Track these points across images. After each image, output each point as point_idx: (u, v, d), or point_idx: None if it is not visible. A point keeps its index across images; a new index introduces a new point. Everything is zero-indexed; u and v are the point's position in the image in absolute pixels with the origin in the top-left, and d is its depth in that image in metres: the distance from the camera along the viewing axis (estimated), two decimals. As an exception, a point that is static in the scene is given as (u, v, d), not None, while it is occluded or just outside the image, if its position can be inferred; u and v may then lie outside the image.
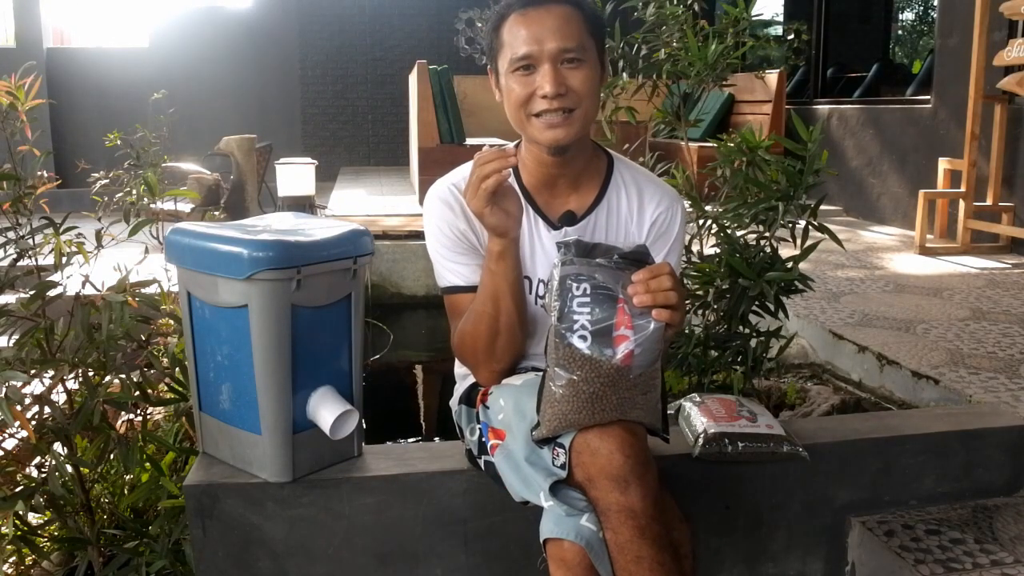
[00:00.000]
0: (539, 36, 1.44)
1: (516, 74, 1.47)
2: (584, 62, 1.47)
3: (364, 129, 10.05)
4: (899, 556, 1.75)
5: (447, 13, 9.85)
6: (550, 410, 1.33)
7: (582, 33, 1.47)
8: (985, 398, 2.30)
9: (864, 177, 5.95)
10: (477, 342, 1.53)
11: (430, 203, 1.60)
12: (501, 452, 1.49)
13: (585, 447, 1.31)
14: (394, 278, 5.08)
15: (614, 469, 1.29)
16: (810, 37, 6.69)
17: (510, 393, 1.51)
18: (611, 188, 1.61)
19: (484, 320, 1.50)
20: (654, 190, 1.63)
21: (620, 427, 1.32)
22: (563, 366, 1.30)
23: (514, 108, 1.49)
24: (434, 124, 6.42)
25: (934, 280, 3.92)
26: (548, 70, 1.44)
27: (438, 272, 1.61)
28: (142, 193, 4.33)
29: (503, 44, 1.49)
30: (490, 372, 1.57)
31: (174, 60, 9.21)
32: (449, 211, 1.57)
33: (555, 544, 1.32)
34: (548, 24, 1.44)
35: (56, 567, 1.91)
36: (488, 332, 1.51)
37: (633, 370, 1.29)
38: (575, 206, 1.60)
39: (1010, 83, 4.21)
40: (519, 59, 1.45)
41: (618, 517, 1.28)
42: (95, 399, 1.72)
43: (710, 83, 2.35)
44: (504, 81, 1.50)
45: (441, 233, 1.57)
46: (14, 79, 1.96)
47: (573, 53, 1.45)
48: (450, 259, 1.58)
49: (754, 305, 2.07)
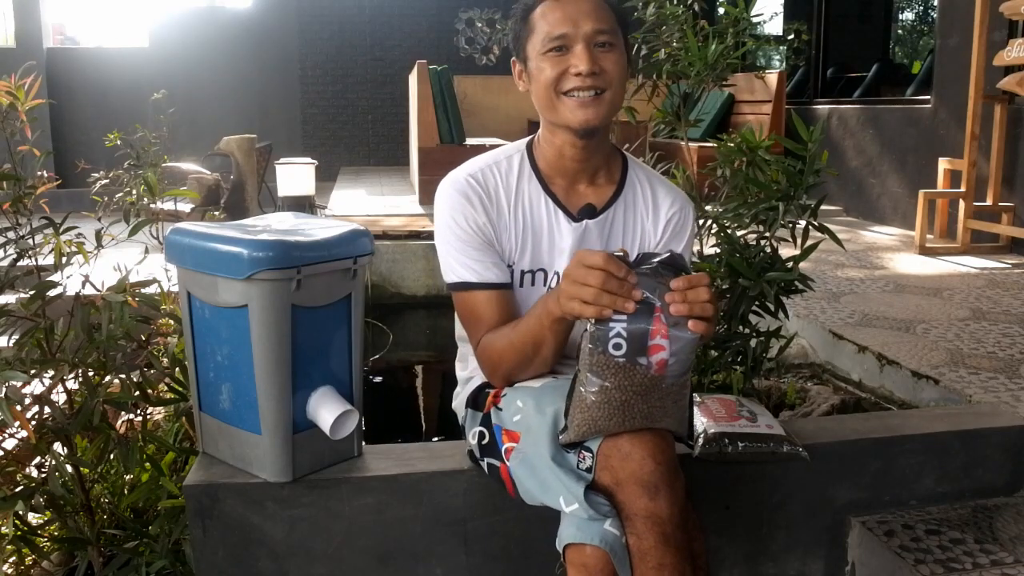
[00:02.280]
0: (574, 17, 1.46)
1: (549, 55, 1.48)
2: (616, 47, 1.49)
3: (364, 129, 10.05)
4: (899, 556, 1.75)
5: (447, 13, 9.85)
6: (580, 415, 1.31)
7: (613, 20, 1.50)
8: (985, 398, 2.30)
9: (864, 177, 5.95)
10: (505, 365, 1.51)
11: (445, 193, 1.56)
12: (516, 456, 1.46)
13: (615, 451, 1.30)
14: (394, 278, 5.07)
15: (645, 475, 1.27)
16: (810, 37, 6.69)
17: (529, 394, 1.48)
18: (628, 184, 1.62)
19: (519, 356, 1.48)
20: (667, 191, 1.65)
21: (651, 433, 1.30)
22: (596, 372, 1.28)
23: (544, 88, 1.49)
24: (434, 124, 6.42)
25: (934, 280, 3.92)
26: (583, 50, 1.46)
27: (447, 265, 1.56)
28: (142, 193, 4.34)
29: (534, 28, 1.50)
30: (509, 383, 1.54)
31: (174, 60, 9.21)
32: (467, 203, 1.53)
33: (576, 550, 1.31)
34: (582, 7, 1.47)
35: (56, 567, 1.91)
36: (521, 365, 1.49)
37: (666, 379, 1.28)
38: (594, 199, 1.59)
39: (1010, 83, 4.21)
40: (554, 39, 1.46)
41: (644, 523, 1.27)
42: (95, 399, 1.72)
43: (710, 83, 2.34)
44: (534, 64, 1.51)
45: (456, 225, 1.53)
46: (14, 79, 1.96)
47: (607, 36, 1.48)
48: (463, 253, 1.53)
49: (754, 305, 2.07)
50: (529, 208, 1.57)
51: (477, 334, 1.55)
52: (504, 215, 1.55)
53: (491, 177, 1.57)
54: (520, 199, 1.57)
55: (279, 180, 6.49)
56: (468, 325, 1.58)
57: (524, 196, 1.57)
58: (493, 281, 1.53)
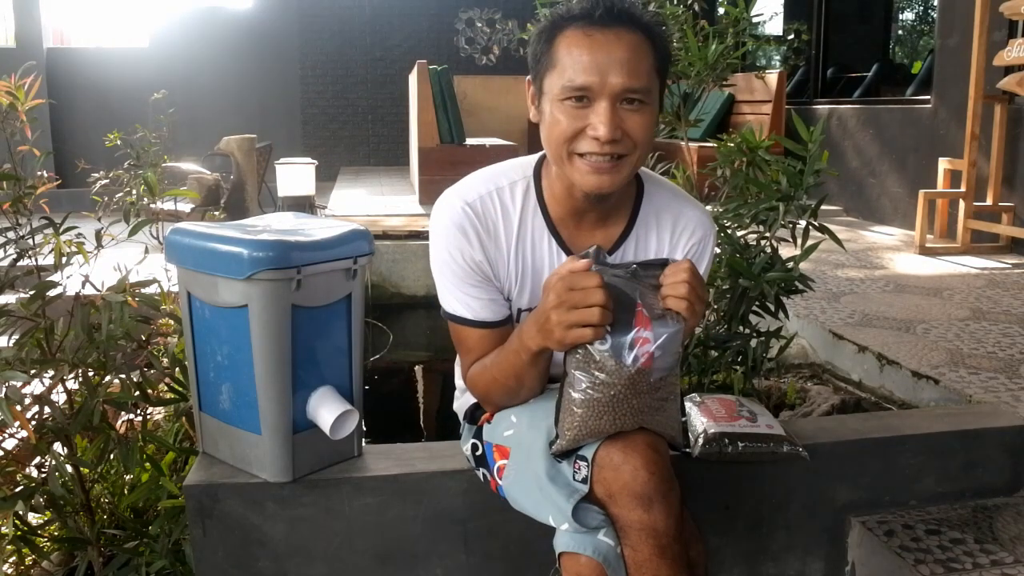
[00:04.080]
0: (603, 67, 1.26)
1: (566, 104, 1.29)
2: (646, 104, 1.30)
3: (364, 129, 10.05)
4: (899, 556, 1.75)
5: (447, 13, 9.85)
6: (569, 419, 1.31)
7: (650, 70, 1.29)
8: (985, 398, 2.30)
9: (864, 177, 5.95)
10: (492, 398, 1.47)
11: (441, 226, 1.42)
12: (507, 476, 1.45)
13: (608, 462, 1.28)
14: (394, 278, 5.08)
15: (638, 486, 1.26)
16: (810, 37, 6.69)
17: (522, 409, 1.46)
18: (639, 220, 1.47)
19: (504, 390, 1.43)
20: (688, 219, 1.49)
21: (644, 444, 1.28)
22: (583, 369, 1.28)
23: (556, 142, 1.32)
24: (434, 124, 6.42)
25: (934, 280, 3.92)
26: (606, 109, 1.26)
27: (444, 296, 1.47)
28: (142, 193, 4.34)
29: (555, 63, 1.30)
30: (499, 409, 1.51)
31: (174, 60, 9.21)
32: (464, 239, 1.41)
33: (571, 558, 1.30)
34: (616, 55, 1.26)
35: (56, 567, 1.91)
36: (508, 397, 1.45)
37: (653, 373, 1.28)
38: (602, 239, 1.45)
39: (1010, 83, 4.21)
40: (575, 89, 1.27)
41: (639, 535, 1.26)
42: (95, 399, 1.72)
43: (710, 83, 2.35)
44: (548, 107, 1.32)
45: (453, 261, 1.42)
46: (14, 79, 1.96)
47: (637, 95, 1.28)
48: (460, 288, 1.44)
49: (754, 305, 2.07)
50: (531, 248, 1.45)
51: (467, 363, 1.50)
52: (503, 252, 1.44)
53: (491, 208, 1.43)
54: (523, 237, 1.44)
55: (279, 180, 6.50)
56: (459, 352, 1.53)
57: (527, 234, 1.44)
58: (488, 320, 1.45)
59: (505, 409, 1.51)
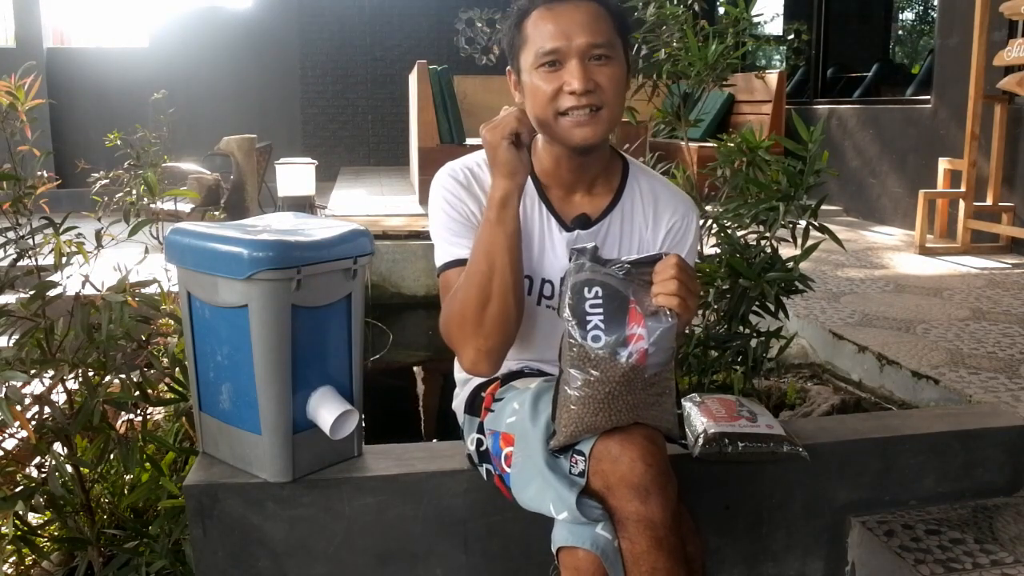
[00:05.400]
0: (567, 31, 1.40)
1: (541, 70, 1.43)
2: (612, 59, 1.43)
3: (364, 129, 10.05)
4: (899, 556, 1.75)
5: (447, 13, 9.85)
6: (565, 415, 1.32)
7: (610, 30, 1.44)
8: (985, 398, 2.30)
9: (864, 177, 5.95)
10: (466, 309, 1.41)
11: (440, 178, 1.56)
12: (515, 462, 1.44)
13: (606, 455, 1.29)
14: (394, 278, 5.08)
15: (635, 478, 1.27)
16: (810, 37, 6.69)
17: (522, 396, 1.48)
18: (626, 194, 1.58)
19: (476, 281, 1.40)
20: (669, 198, 1.60)
21: (641, 436, 1.30)
22: (578, 367, 1.30)
23: (540, 106, 1.44)
24: (434, 124, 6.42)
25: (934, 280, 3.92)
26: (576, 66, 1.40)
27: (440, 250, 1.54)
28: (142, 193, 4.34)
29: (526, 40, 1.45)
30: (476, 350, 1.43)
31: (174, 60, 9.21)
32: (460, 187, 1.54)
33: (569, 552, 1.30)
34: (576, 19, 1.41)
35: (56, 567, 1.91)
36: (479, 296, 1.40)
37: (647, 369, 1.30)
38: (589, 209, 1.56)
39: (1010, 83, 4.21)
40: (545, 54, 1.41)
41: (636, 527, 1.26)
42: (95, 399, 1.72)
43: (710, 83, 2.34)
44: (527, 78, 1.46)
45: (449, 206, 1.52)
46: (14, 79, 1.96)
47: (602, 49, 1.41)
48: (454, 233, 1.52)
49: (754, 305, 2.07)
50: (522, 212, 1.52)
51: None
52: None
53: (485, 174, 1.55)
54: None
55: (279, 180, 6.50)
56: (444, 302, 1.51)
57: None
58: None
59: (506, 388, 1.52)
